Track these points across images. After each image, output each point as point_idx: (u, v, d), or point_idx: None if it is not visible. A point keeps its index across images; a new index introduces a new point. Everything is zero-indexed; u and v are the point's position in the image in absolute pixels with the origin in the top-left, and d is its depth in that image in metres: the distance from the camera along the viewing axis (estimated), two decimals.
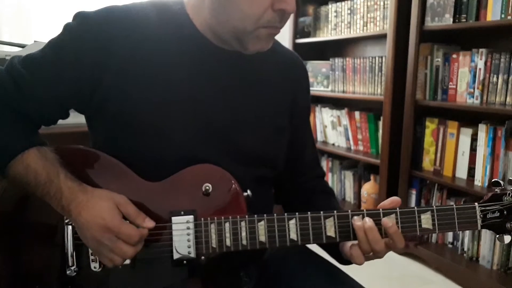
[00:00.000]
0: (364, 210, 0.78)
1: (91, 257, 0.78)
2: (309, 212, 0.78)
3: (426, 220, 0.78)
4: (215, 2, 0.77)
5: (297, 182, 0.99)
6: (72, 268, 0.78)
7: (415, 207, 0.79)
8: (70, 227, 0.78)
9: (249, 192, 0.80)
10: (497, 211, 0.79)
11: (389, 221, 0.77)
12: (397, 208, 0.78)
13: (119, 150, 0.81)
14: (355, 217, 0.78)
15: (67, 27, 0.81)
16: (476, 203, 0.79)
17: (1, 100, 0.78)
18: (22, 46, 1.63)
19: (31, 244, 0.82)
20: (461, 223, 0.78)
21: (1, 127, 0.78)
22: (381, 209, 0.78)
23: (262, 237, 0.77)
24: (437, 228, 0.78)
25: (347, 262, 0.87)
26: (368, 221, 0.77)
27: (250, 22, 0.76)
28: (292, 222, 0.77)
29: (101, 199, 0.75)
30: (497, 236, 0.79)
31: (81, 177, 0.78)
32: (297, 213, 0.78)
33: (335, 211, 0.78)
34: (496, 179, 0.81)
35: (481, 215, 0.78)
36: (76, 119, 0.89)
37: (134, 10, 0.82)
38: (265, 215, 0.78)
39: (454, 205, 0.78)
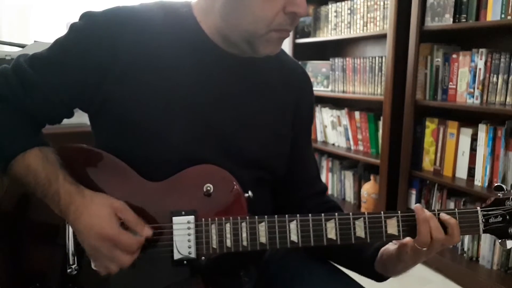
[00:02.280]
0: (366, 213, 0.78)
1: None
2: (310, 214, 0.78)
3: None
4: (227, 5, 0.77)
5: (297, 197, 0.96)
6: (73, 266, 0.78)
7: None
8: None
9: (250, 193, 0.80)
10: (499, 216, 0.78)
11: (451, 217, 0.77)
12: (398, 212, 0.78)
13: (121, 150, 0.81)
14: (419, 210, 0.77)
15: (73, 27, 0.81)
16: (478, 208, 0.79)
17: (6, 99, 0.78)
18: (22, 46, 1.63)
19: (33, 242, 0.82)
20: (463, 228, 0.78)
21: (5, 125, 0.78)
22: (382, 212, 0.78)
23: (263, 238, 0.77)
24: None
25: (383, 277, 0.87)
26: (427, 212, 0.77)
27: (262, 25, 0.76)
28: (293, 224, 0.77)
29: (99, 205, 0.74)
30: (499, 241, 0.79)
31: (83, 176, 0.78)
32: (298, 215, 0.78)
33: (336, 214, 0.78)
34: (499, 184, 0.80)
35: (483, 220, 0.78)
36: (79, 119, 0.89)
37: (141, 11, 0.82)
38: (265, 216, 0.77)
39: (456, 210, 0.78)
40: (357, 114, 2.75)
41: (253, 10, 0.75)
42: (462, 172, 2.13)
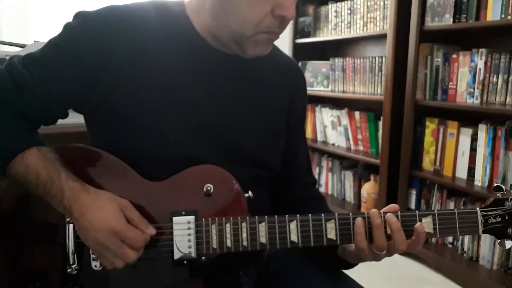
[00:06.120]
0: (366, 213, 0.78)
1: (92, 256, 0.78)
2: (310, 215, 0.78)
3: (427, 224, 0.77)
4: (216, 5, 0.78)
5: (288, 189, 0.98)
6: (73, 266, 0.79)
7: (416, 211, 0.78)
8: (71, 226, 0.78)
9: (250, 193, 0.80)
10: (498, 216, 0.78)
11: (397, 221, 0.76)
12: (398, 212, 0.78)
13: (117, 149, 0.81)
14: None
15: (67, 26, 0.81)
16: (477, 208, 0.79)
17: (1, 100, 0.78)
18: (22, 46, 1.63)
19: (33, 242, 0.82)
20: (462, 228, 0.78)
21: (1, 126, 0.78)
22: (381, 212, 0.78)
23: (263, 238, 0.77)
24: (438, 232, 0.78)
25: (346, 266, 0.87)
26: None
27: (250, 27, 0.76)
28: (293, 224, 0.77)
29: (106, 201, 0.75)
30: (498, 241, 0.79)
31: (83, 175, 0.78)
32: (298, 215, 0.78)
33: (336, 214, 0.78)
34: (498, 184, 0.80)
35: (482, 220, 0.78)
36: (75, 119, 0.89)
37: (135, 10, 0.82)
38: (266, 216, 0.78)
39: (456, 210, 0.78)
40: (357, 114, 2.75)
41: (241, 11, 0.75)
42: (462, 172, 2.13)
